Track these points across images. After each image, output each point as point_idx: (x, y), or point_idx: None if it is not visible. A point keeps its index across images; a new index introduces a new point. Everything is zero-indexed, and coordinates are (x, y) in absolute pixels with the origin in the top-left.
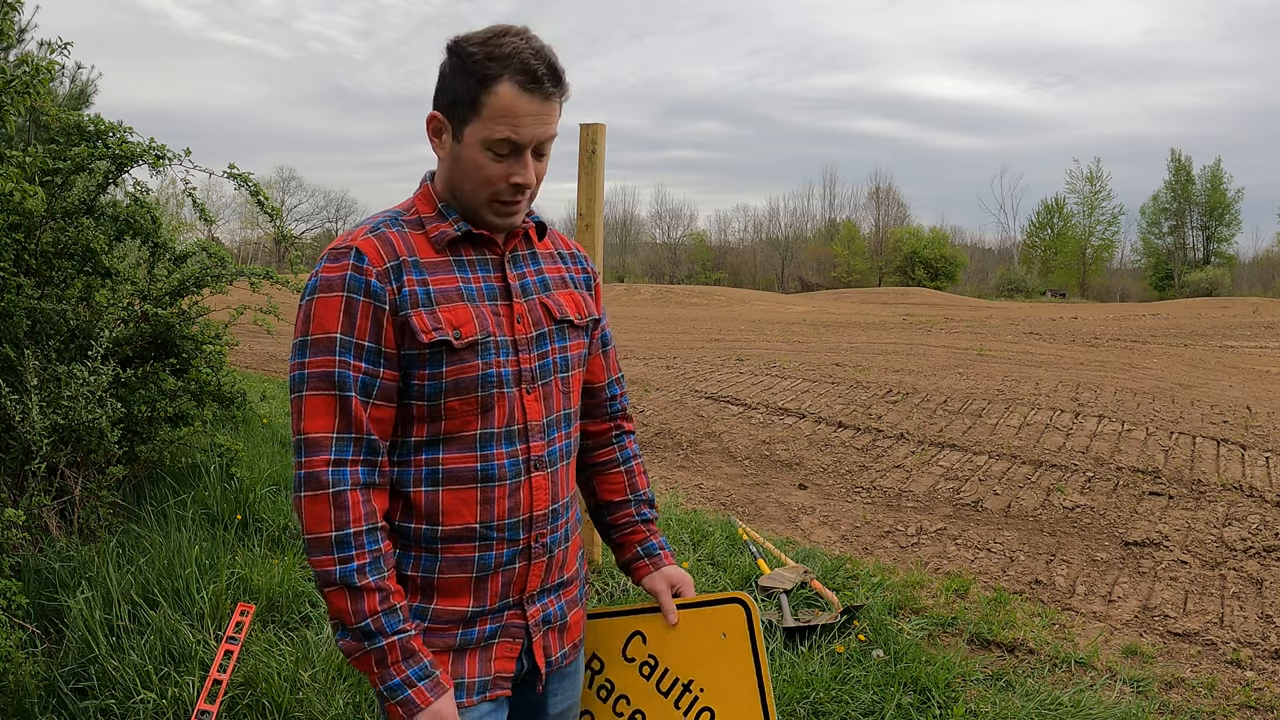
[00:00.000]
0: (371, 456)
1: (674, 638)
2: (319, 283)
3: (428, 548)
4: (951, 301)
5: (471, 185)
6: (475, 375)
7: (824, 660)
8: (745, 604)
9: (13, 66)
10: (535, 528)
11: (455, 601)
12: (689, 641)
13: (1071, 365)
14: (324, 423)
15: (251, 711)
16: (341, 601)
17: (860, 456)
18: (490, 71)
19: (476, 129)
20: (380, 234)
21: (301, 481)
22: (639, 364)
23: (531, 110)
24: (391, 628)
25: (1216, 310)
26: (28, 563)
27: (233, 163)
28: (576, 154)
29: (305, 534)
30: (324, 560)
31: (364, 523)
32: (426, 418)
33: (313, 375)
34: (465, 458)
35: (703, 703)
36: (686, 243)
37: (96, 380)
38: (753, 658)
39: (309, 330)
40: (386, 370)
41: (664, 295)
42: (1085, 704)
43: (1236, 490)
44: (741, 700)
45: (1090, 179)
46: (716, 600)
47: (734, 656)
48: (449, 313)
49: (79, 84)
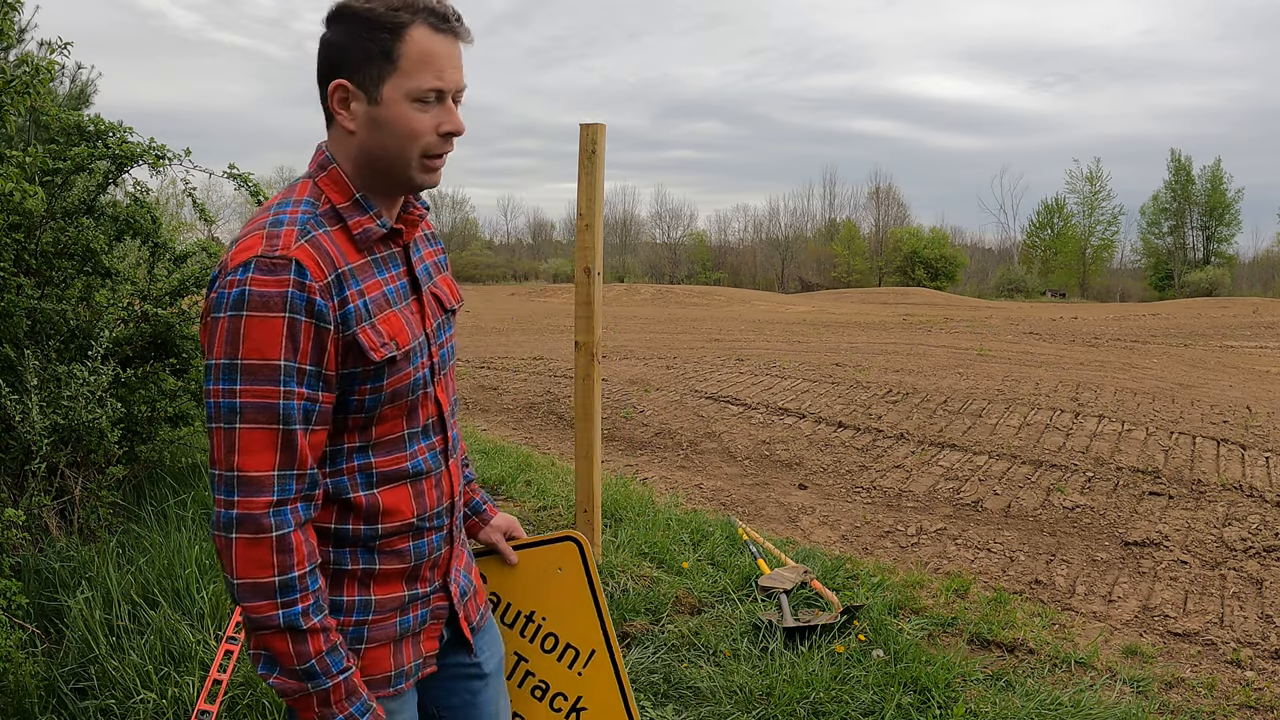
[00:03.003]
0: (311, 491)
1: (514, 575)
2: (249, 296)
3: (365, 545)
4: (951, 301)
5: (399, 145)
6: (408, 382)
7: (824, 660)
8: (577, 540)
9: (13, 66)
10: (454, 512)
11: (393, 589)
12: (527, 577)
13: (1071, 365)
14: (264, 460)
15: (251, 711)
16: (282, 645)
17: (860, 456)
18: (400, 19)
19: (398, 82)
20: (312, 239)
21: (234, 523)
22: (639, 364)
23: (448, 53)
24: (336, 667)
25: (1216, 310)
26: (28, 563)
27: (232, 163)
28: (576, 154)
29: (236, 578)
30: (264, 605)
31: (306, 564)
32: (360, 426)
33: (250, 406)
34: (395, 459)
35: (546, 629)
36: (686, 243)
37: (96, 380)
38: (588, 586)
39: (240, 353)
40: (325, 394)
41: (664, 295)
42: (1085, 704)
43: (1236, 490)
44: (582, 623)
45: (1090, 179)
46: (550, 540)
47: (571, 587)
48: (386, 323)
49: (79, 84)
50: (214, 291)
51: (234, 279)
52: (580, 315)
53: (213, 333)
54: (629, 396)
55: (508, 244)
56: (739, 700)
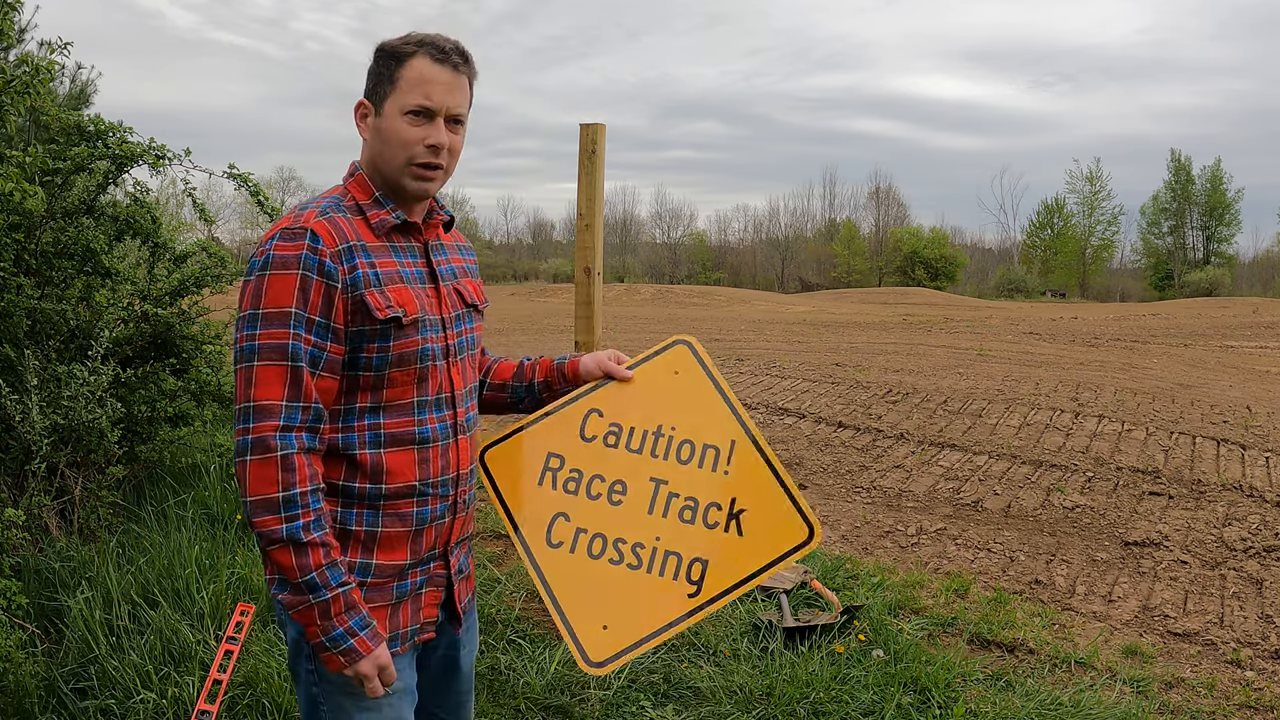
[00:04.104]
0: (316, 424)
1: (630, 397)
2: (273, 259)
3: (371, 504)
4: (951, 301)
5: (391, 151)
6: (416, 349)
7: (824, 660)
8: (688, 342)
9: (13, 66)
10: (461, 484)
11: (394, 555)
12: (645, 393)
13: (1071, 365)
14: (275, 391)
15: (251, 711)
16: (286, 558)
17: (860, 456)
18: (406, 50)
19: (395, 100)
20: (329, 218)
21: (249, 446)
22: None
23: (442, 79)
24: (335, 580)
25: (1216, 310)
26: (28, 563)
27: (232, 163)
28: (576, 154)
29: (248, 496)
30: (270, 520)
31: (309, 484)
32: (371, 386)
33: (265, 346)
34: (404, 422)
35: (679, 438)
36: (686, 243)
37: (96, 380)
38: (711, 380)
39: (261, 304)
40: (333, 345)
41: (664, 295)
42: (1085, 704)
43: (1236, 490)
44: (715, 419)
45: (1090, 179)
46: (660, 349)
47: (693, 386)
48: (395, 292)
49: (79, 84)
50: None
51: (264, 248)
52: (580, 315)
53: (244, 291)
54: None
55: (508, 244)
56: (739, 700)
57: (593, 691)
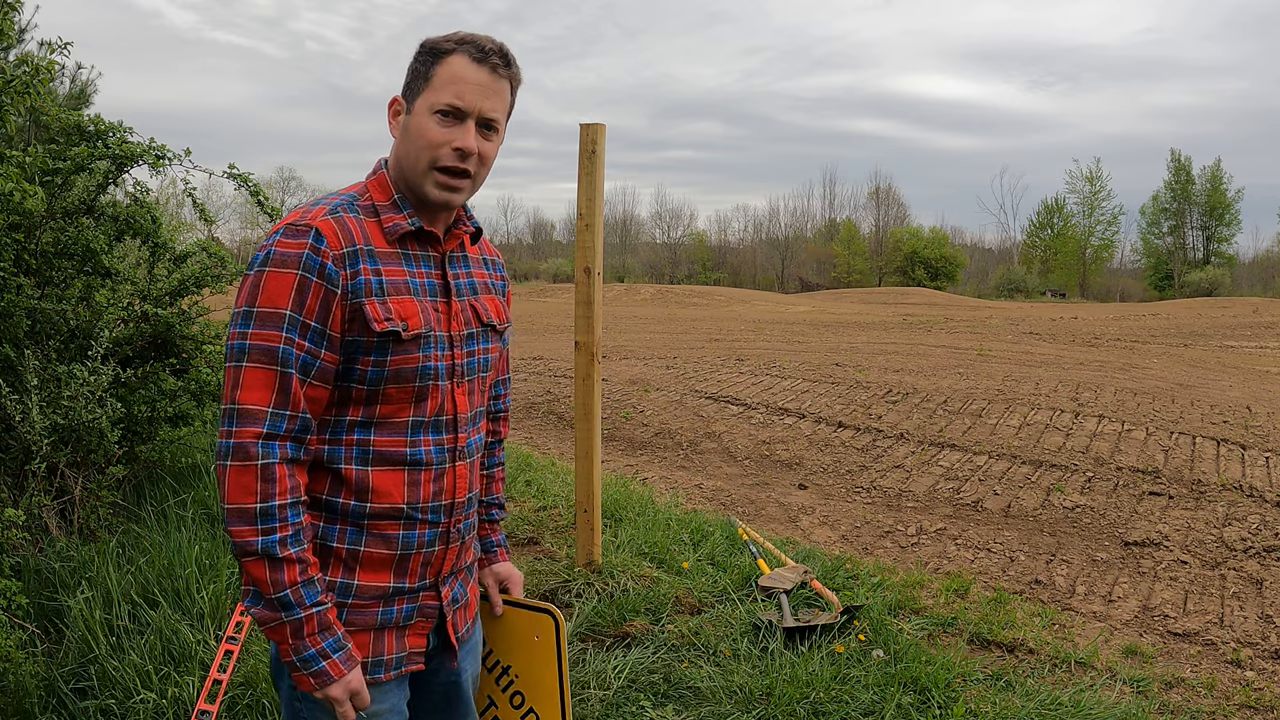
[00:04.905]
0: (302, 434)
1: (500, 626)
2: (273, 256)
3: (354, 522)
4: (951, 301)
5: (415, 151)
6: (415, 366)
7: (824, 660)
8: (554, 616)
9: (13, 66)
10: (455, 513)
11: (378, 577)
12: (510, 633)
13: (1071, 365)
14: (261, 396)
15: (251, 711)
16: (260, 572)
17: (860, 456)
18: (445, 47)
19: (426, 97)
20: (339, 218)
21: (230, 451)
22: (639, 364)
23: (478, 80)
24: (310, 599)
25: (1216, 310)
26: (28, 563)
27: (232, 163)
28: (576, 154)
29: (226, 503)
30: (245, 531)
31: (289, 496)
32: (364, 400)
33: (256, 347)
34: (395, 442)
35: (516, 686)
36: (686, 243)
37: (96, 380)
38: (556, 661)
39: (256, 302)
40: (328, 353)
41: (664, 295)
42: (1085, 704)
43: (1236, 490)
44: (545, 694)
45: (1090, 179)
46: (533, 607)
47: (543, 658)
48: (398, 304)
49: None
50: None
51: (267, 243)
52: (580, 315)
53: (241, 285)
54: (629, 396)
55: (508, 244)
56: (739, 700)
57: (593, 691)
